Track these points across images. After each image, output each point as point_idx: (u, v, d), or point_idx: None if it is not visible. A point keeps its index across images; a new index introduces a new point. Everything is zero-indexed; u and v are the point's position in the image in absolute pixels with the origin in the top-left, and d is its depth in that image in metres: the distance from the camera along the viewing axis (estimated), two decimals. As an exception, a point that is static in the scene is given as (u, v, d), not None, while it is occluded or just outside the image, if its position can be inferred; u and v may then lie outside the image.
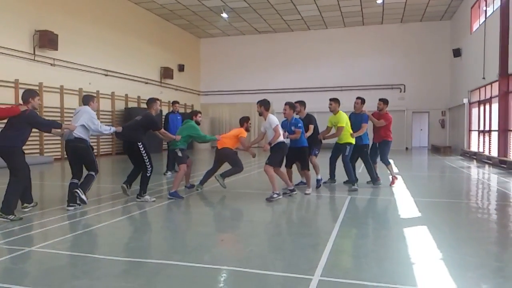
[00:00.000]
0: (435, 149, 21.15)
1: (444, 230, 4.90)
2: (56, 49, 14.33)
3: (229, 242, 4.45)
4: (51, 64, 14.56)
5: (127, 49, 18.78)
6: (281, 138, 6.79)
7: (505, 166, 11.88)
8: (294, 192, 7.13)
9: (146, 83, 20.26)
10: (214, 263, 3.62)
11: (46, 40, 13.85)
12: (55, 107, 14.79)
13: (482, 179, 10.43)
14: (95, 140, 16.14)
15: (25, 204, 5.84)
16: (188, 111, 23.93)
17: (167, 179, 9.41)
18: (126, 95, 18.70)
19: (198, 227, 5.38)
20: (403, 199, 6.89)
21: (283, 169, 7.30)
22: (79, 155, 6.05)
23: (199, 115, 7.83)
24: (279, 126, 6.88)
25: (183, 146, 7.23)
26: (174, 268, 3.51)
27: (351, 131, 7.78)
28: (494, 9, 14.38)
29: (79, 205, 6.03)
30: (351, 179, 7.76)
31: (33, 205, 5.92)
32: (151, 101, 6.89)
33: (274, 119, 6.87)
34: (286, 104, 7.27)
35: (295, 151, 7.24)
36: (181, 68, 23.36)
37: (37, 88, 13.74)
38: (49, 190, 8.39)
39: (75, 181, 6.03)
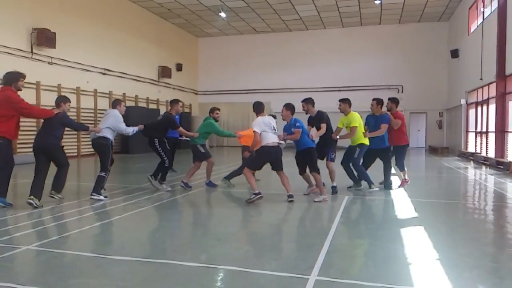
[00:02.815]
0: (433, 150, 21.20)
1: (441, 230, 4.92)
2: (54, 48, 14.29)
3: (226, 242, 4.44)
4: (49, 63, 14.51)
5: (125, 48, 18.74)
6: (267, 141, 6.42)
7: (501, 167, 11.92)
8: (291, 199, 6.62)
9: (144, 82, 20.22)
10: (210, 263, 3.62)
11: (44, 38, 13.81)
12: (53, 105, 14.66)
13: (479, 180, 10.46)
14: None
15: (31, 197, 5.84)
16: (186, 110, 23.97)
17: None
18: (124, 94, 18.64)
19: (195, 226, 5.39)
20: (400, 200, 6.90)
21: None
22: (98, 150, 6.73)
23: (217, 111, 8.16)
24: (262, 130, 6.42)
25: (202, 142, 7.74)
26: (170, 267, 3.50)
27: (364, 131, 7.50)
28: (492, 11, 14.43)
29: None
30: (368, 181, 7.52)
31: (38, 206, 5.88)
32: (174, 102, 7.50)
33: (256, 122, 6.47)
34: (284, 106, 6.96)
35: (302, 153, 6.95)
36: (179, 67, 23.33)
37: (34, 86, 13.70)
38: (46, 188, 8.35)
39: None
